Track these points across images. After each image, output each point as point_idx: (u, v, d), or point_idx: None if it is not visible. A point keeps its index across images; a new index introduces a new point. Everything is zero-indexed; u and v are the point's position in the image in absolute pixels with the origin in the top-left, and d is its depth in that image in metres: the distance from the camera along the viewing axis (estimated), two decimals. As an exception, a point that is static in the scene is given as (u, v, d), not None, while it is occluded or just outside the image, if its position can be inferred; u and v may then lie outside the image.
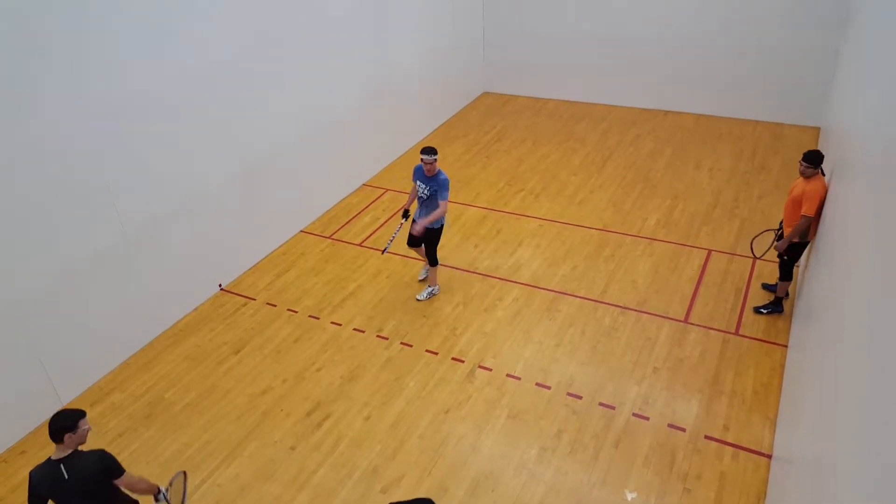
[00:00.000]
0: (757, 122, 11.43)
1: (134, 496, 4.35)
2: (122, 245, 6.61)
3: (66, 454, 3.97)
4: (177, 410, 6.31)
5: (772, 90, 11.12)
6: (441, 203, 6.93)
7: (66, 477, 3.93)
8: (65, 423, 3.93)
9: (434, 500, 5.22)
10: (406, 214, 7.45)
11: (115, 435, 6.07)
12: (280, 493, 5.43)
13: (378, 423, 6.01)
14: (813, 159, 6.19)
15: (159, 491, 4.29)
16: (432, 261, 7.40)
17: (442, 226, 7.22)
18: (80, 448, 4.03)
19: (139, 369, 6.82)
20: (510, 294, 7.58)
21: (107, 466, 4.03)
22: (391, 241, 7.66)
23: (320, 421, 6.09)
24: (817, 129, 10.89)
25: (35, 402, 6.13)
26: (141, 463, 5.72)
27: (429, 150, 6.83)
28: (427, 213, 7.07)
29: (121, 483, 4.09)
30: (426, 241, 7.26)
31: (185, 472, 4.62)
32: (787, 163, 10.02)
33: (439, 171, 6.94)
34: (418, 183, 7.09)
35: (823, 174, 6.30)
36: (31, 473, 3.95)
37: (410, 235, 7.27)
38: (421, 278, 7.93)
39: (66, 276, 6.15)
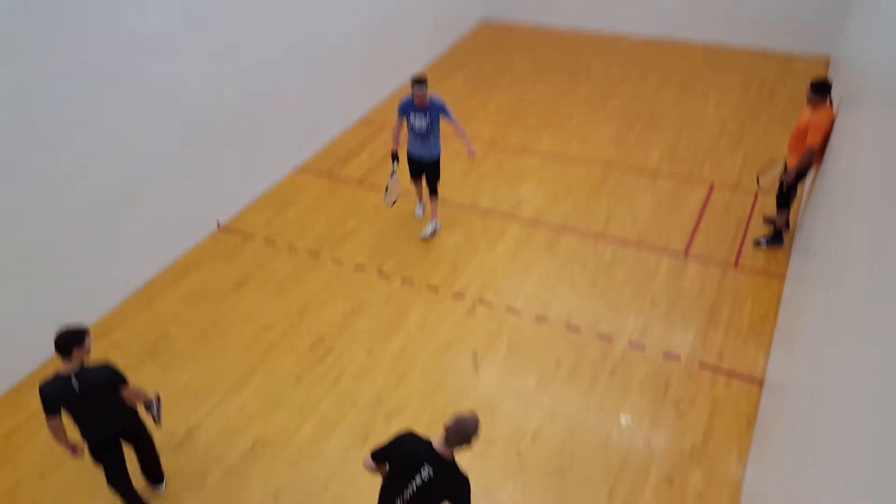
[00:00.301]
0: (766, 52, 11.15)
1: (133, 404, 4.61)
2: (119, 184, 6.59)
3: (75, 369, 4.16)
4: (181, 346, 6.43)
5: (783, 17, 10.78)
6: (456, 123, 6.89)
7: (78, 390, 4.15)
8: (73, 338, 4.12)
9: (436, 427, 5.38)
10: (396, 157, 7.24)
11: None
12: (287, 422, 5.60)
13: (380, 357, 6.14)
14: (820, 88, 6.07)
15: (151, 401, 4.63)
16: (435, 189, 7.35)
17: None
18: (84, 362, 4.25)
19: (141, 307, 6.92)
20: (511, 231, 7.59)
21: (115, 375, 4.31)
22: (390, 189, 7.26)
23: (324, 354, 6.21)
24: (827, 58, 10.62)
25: (40, 338, 6.22)
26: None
27: (421, 80, 6.63)
28: (428, 144, 7.00)
29: (126, 389, 4.36)
30: (434, 170, 7.20)
31: (158, 395, 4.84)
32: (794, 94, 9.82)
33: (431, 96, 6.78)
34: (412, 116, 6.90)
35: (832, 104, 6.17)
36: (42, 389, 4.14)
37: (415, 165, 7.20)
38: (420, 215, 7.91)
39: (66, 214, 6.16)
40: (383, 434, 5.34)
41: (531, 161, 8.80)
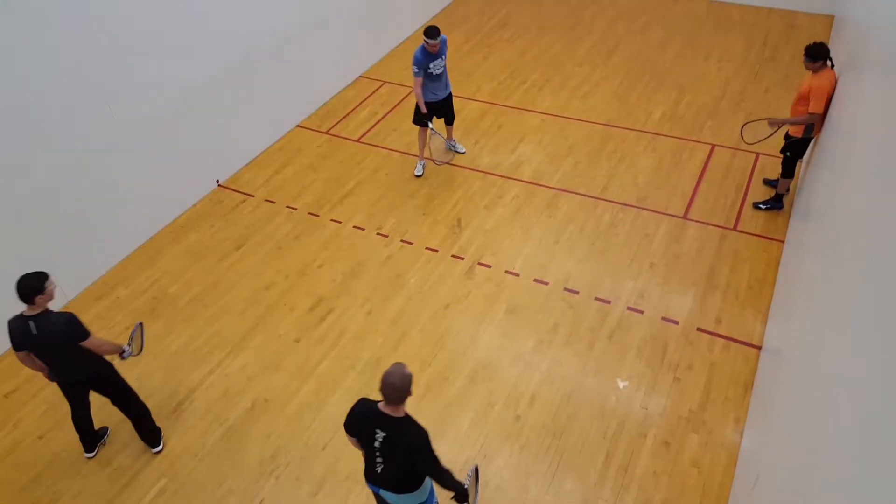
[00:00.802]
0: (770, 9, 10.90)
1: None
2: (119, 141, 6.51)
3: (36, 312, 4.23)
4: (182, 304, 6.44)
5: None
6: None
7: (35, 333, 4.25)
8: (33, 284, 4.16)
9: (435, 387, 5.45)
10: (430, 116, 7.36)
11: (121, 328, 6.24)
12: (287, 382, 5.65)
13: (379, 318, 6.16)
14: (815, 53, 5.91)
15: (123, 350, 4.64)
16: (454, 117, 7.82)
17: None
18: (49, 308, 4.30)
19: (142, 265, 6.91)
20: (510, 192, 7.54)
21: (72, 330, 4.31)
22: (446, 155, 7.95)
23: (323, 315, 6.23)
24: (831, 18, 10.41)
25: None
26: (149, 356, 5.91)
27: (435, 32, 6.84)
28: (444, 81, 7.36)
29: (86, 345, 4.37)
30: (450, 101, 7.61)
31: (141, 323, 4.99)
32: (797, 53, 9.62)
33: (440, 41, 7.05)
34: (432, 65, 7.06)
35: (833, 64, 6.05)
36: (8, 323, 4.29)
37: (436, 107, 7.45)
38: (420, 173, 7.86)
39: (64, 173, 6.10)
40: (383, 395, 5.40)
41: (532, 120, 8.69)
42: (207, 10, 7.04)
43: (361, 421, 3.58)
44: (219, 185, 7.92)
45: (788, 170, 6.69)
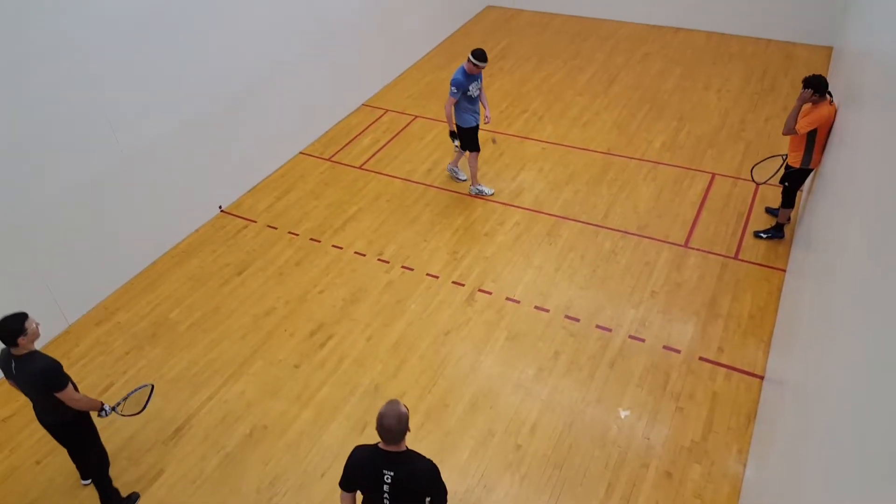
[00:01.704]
0: (769, 40, 11.06)
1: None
2: (122, 167, 6.55)
3: (21, 353, 4.19)
4: (182, 330, 6.43)
5: (785, 7, 10.67)
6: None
7: (15, 373, 4.24)
8: (12, 326, 4.08)
9: (434, 415, 5.40)
10: (456, 134, 7.56)
11: (121, 353, 6.21)
12: (286, 409, 5.61)
13: (379, 344, 6.14)
14: (815, 85, 5.99)
15: (102, 408, 4.50)
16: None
17: None
18: (35, 346, 4.26)
19: (143, 290, 6.90)
20: (511, 219, 7.56)
21: (48, 379, 4.20)
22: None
23: (323, 341, 6.21)
24: (830, 49, 10.54)
25: (41, 322, 6.20)
26: (148, 381, 5.87)
27: (483, 56, 7.07)
28: (479, 106, 7.53)
29: (60, 397, 4.25)
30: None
31: (152, 385, 4.84)
32: (796, 84, 9.71)
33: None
34: (472, 87, 7.23)
35: (832, 97, 6.12)
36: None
37: (476, 132, 7.60)
38: (450, 171, 8.28)
39: (68, 198, 6.13)
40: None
41: (532, 148, 8.75)
42: (212, 38, 7.15)
43: (365, 466, 3.40)
44: (221, 211, 7.96)
45: (789, 199, 6.71)
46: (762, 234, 7.01)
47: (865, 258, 3.14)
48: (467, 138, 7.56)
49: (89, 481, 5.10)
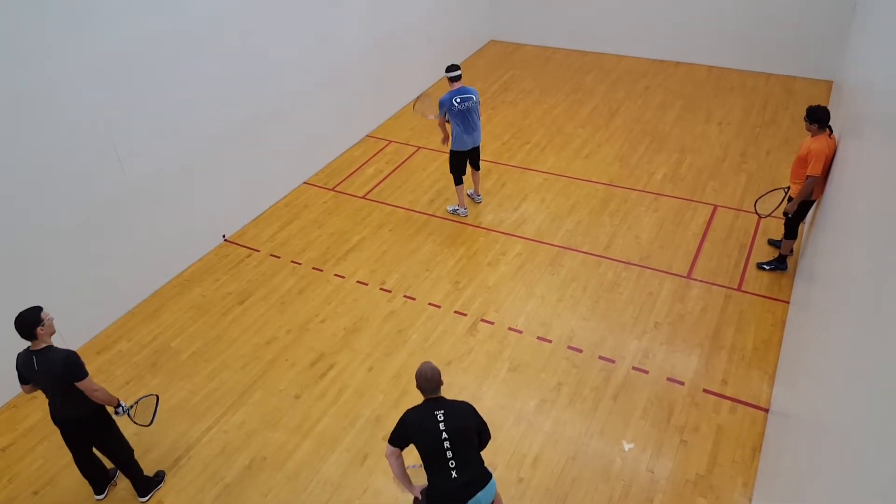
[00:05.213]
0: (769, 74, 11.19)
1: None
2: (127, 195, 6.61)
3: (40, 347, 4.34)
4: (183, 359, 6.40)
5: (785, 41, 10.83)
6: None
7: (37, 368, 4.34)
8: (30, 317, 4.27)
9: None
10: (462, 166, 7.95)
11: (122, 382, 6.18)
12: (285, 440, 5.55)
13: (381, 374, 6.10)
14: (815, 116, 6.04)
15: (119, 405, 4.67)
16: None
17: None
18: (52, 341, 4.41)
19: (145, 318, 6.90)
20: (513, 249, 7.58)
21: (70, 367, 4.34)
22: (426, 102, 8.24)
23: (324, 371, 6.18)
24: (830, 84, 10.66)
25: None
26: (148, 409, 5.82)
27: (453, 67, 7.49)
28: (478, 122, 7.73)
29: (80, 386, 4.40)
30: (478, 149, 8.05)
31: (157, 396, 4.98)
32: (797, 117, 9.84)
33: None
34: (455, 100, 7.45)
35: (832, 131, 6.17)
36: (17, 356, 4.42)
37: (460, 161, 7.90)
38: (479, 200, 8.46)
39: (72, 225, 6.17)
40: (382, 454, 5.30)
41: (534, 179, 8.81)
42: (218, 68, 7.26)
43: (421, 416, 3.92)
44: (225, 240, 7.99)
45: (791, 231, 6.72)
46: (765, 266, 7.00)
47: (868, 289, 3.13)
48: (452, 163, 7.89)
49: (104, 495, 5.14)
